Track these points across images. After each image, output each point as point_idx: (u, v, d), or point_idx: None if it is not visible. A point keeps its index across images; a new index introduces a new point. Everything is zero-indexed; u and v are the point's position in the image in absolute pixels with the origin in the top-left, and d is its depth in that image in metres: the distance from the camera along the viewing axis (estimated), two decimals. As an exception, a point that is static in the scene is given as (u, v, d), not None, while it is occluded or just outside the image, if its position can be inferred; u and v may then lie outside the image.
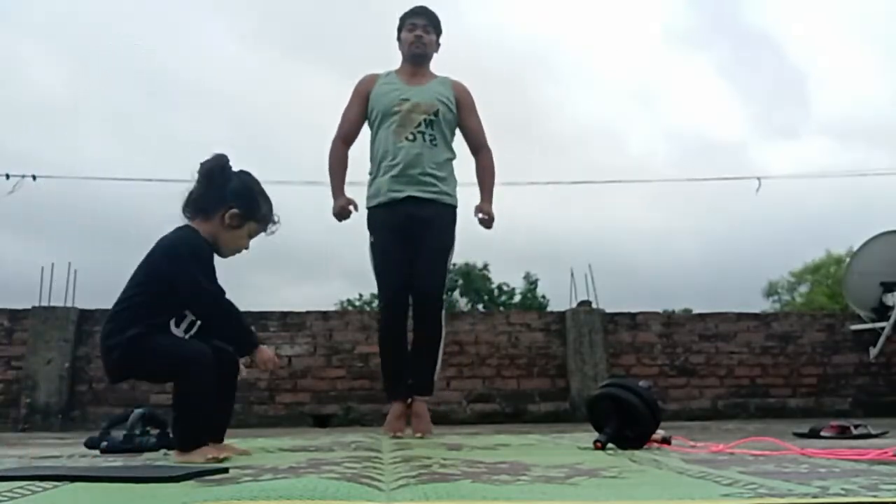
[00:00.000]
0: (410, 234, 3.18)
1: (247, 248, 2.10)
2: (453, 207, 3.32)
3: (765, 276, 34.43)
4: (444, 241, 3.27)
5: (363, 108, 3.40)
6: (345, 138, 3.42)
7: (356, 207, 3.31)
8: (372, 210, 3.29)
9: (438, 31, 3.46)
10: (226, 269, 2.03)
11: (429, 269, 3.17)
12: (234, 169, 2.08)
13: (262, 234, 2.11)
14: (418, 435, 3.06)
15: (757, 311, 7.14)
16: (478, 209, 3.34)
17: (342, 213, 3.30)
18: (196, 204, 2.03)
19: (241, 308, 2.05)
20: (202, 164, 2.03)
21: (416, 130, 3.23)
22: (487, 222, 3.33)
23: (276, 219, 2.13)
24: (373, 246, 3.25)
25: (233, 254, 2.08)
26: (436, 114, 3.27)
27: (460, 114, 3.39)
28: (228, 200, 2.01)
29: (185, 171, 2.06)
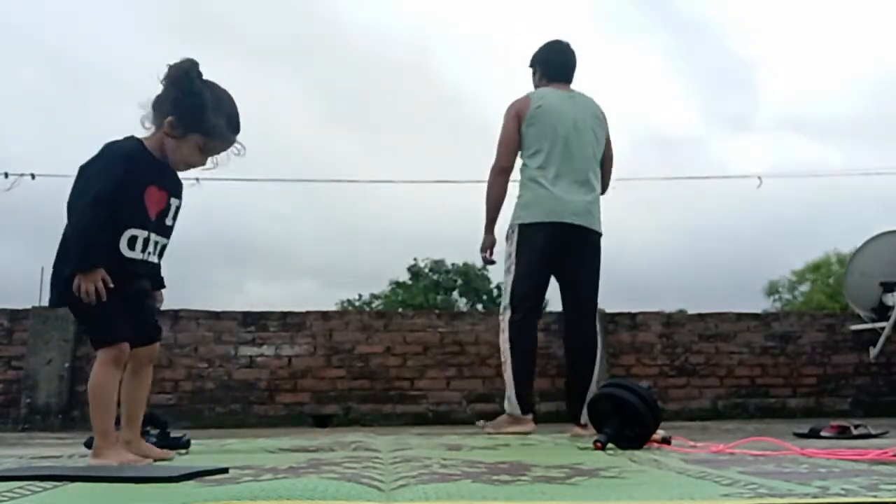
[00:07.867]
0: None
1: (201, 164, 1.93)
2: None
3: (766, 276, 34.45)
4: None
5: None
6: None
7: None
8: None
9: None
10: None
11: None
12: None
13: (228, 154, 1.95)
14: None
15: (757, 310, 7.13)
16: None
17: None
18: (153, 109, 1.91)
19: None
20: (169, 67, 1.88)
21: None
22: None
23: (232, 138, 1.93)
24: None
25: (186, 167, 1.93)
26: None
27: None
28: (173, 108, 1.87)
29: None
